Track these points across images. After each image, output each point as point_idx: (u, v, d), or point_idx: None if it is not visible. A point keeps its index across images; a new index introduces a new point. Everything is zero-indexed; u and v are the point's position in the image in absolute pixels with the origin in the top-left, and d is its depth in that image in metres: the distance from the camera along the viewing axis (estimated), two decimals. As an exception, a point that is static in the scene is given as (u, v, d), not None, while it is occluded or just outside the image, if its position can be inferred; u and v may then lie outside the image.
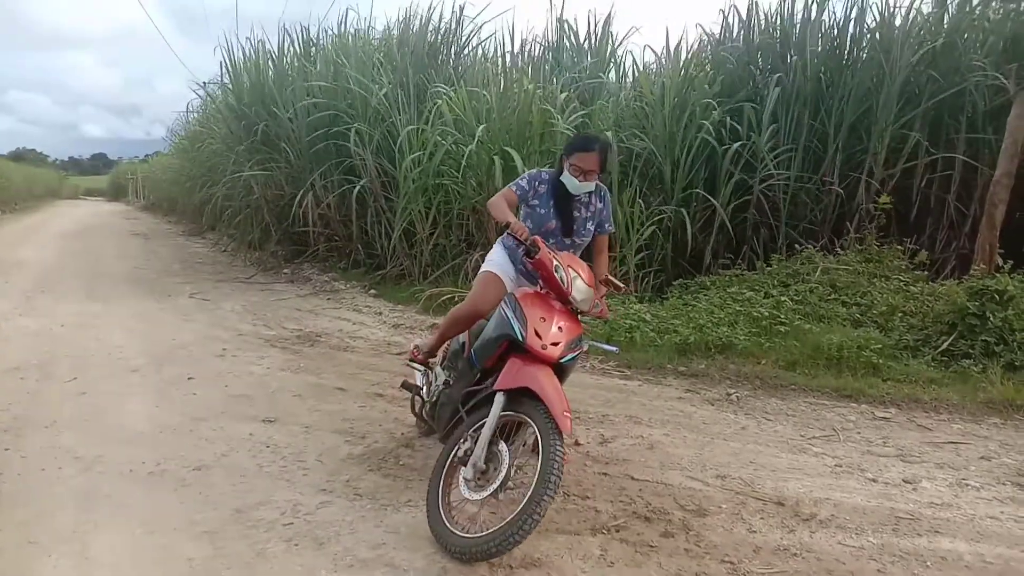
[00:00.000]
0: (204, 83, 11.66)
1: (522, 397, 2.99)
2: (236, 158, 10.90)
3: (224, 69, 11.07)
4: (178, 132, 15.71)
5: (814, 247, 7.40)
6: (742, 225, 8.12)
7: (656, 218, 7.82)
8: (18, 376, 5.21)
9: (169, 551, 2.86)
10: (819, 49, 8.25)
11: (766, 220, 8.02)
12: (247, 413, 4.50)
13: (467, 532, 2.84)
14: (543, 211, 3.55)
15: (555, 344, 3.07)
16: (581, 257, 3.50)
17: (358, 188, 8.96)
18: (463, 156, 7.72)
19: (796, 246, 7.62)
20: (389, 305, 7.96)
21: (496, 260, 3.69)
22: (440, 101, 8.17)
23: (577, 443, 4.05)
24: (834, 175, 7.85)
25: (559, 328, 3.12)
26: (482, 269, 3.69)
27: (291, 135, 9.88)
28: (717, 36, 9.29)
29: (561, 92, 8.43)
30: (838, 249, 7.24)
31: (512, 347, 3.11)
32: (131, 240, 16.95)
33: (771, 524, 3.15)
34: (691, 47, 9.45)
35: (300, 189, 9.74)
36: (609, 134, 7.95)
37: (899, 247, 6.90)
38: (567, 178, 3.48)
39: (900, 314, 5.83)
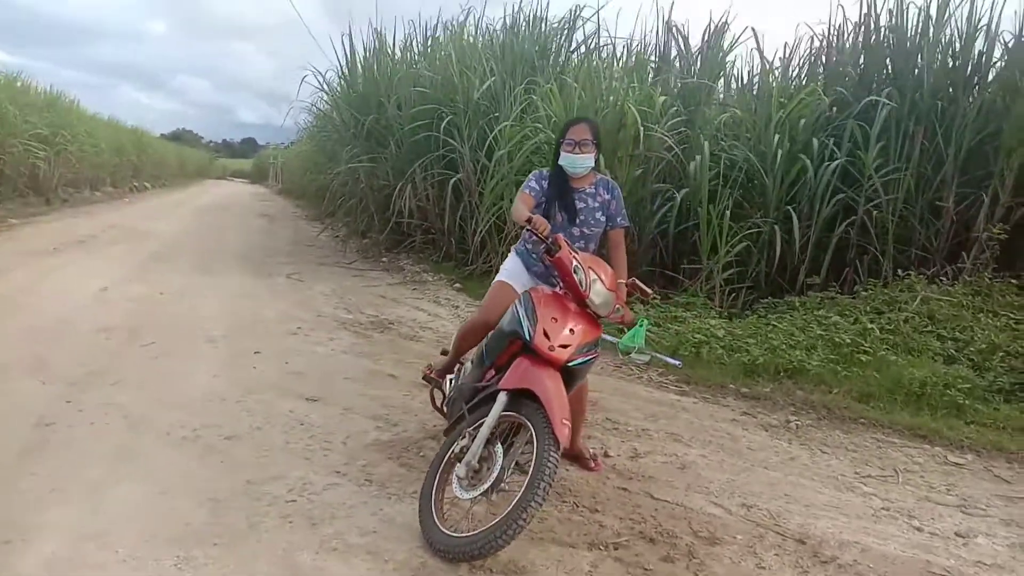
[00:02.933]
0: (323, 73, 12.03)
1: (525, 399, 2.92)
2: (348, 148, 11.28)
3: (343, 60, 11.45)
4: (308, 121, 16.48)
5: (924, 275, 6.85)
6: (846, 247, 7.64)
7: (748, 232, 7.47)
8: (104, 336, 5.59)
9: (173, 513, 2.97)
10: (938, 63, 7.62)
11: (871, 243, 7.49)
12: (295, 390, 4.63)
13: (454, 531, 2.80)
14: (547, 205, 3.50)
15: (564, 346, 2.97)
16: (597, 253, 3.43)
17: (453, 181, 9.07)
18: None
19: (903, 272, 7.07)
20: (469, 300, 8.00)
21: (508, 268, 3.66)
22: (535, 97, 8.15)
23: (606, 454, 3.92)
24: (949, 199, 7.23)
25: (571, 330, 3.02)
26: (495, 280, 3.66)
27: (396, 127, 10.12)
28: (828, 43, 8.73)
29: (661, 96, 8.19)
30: (941, 278, 6.65)
31: (524, 346, 3.04)
32: (256, 220, 17.89)
33: (784, 562, 2.92)
34: (802, 56, 8.96)
35: (401, 181, 9.96)
36: (706, 144, 7.66)
37: (1013, 281, 6.27)
38: (563, 158, 3.48)
39: (1001, 354, 5.28)
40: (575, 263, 3.09)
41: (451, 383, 3.72)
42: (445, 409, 3.74)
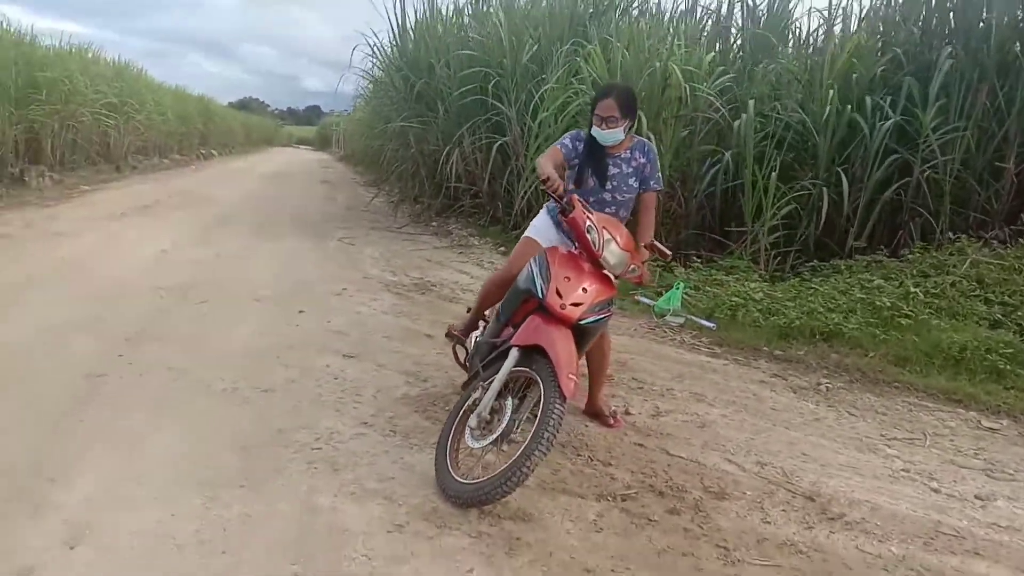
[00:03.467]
0: (377, 38, 12.14)
1: (536, 354, 2.99)
2: (399, 112, 11.42)
3: (395, 25, 11.54)
4: (365, 87, 16.65)
5: (979, 239, 6.63)
6: (899, 210, 7.42)
7: (797, 195, 7.34)
8: (159, 295, 5.87)
9: (205, 458, 3.16)
10: (1007, 17, 7.27)
11: (927, 206, 7.26)
12: (333, 347, 4.81)
13: (465, 478, 2.92)
14: (580, 168, 3.54)
15: (576, 305, 3.03)
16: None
17: (498, 144, 9.12)
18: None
19: (959, 235, 6.85)
20: (512, 263, 8.08)
21: (537, 225, 3.72)
22: (579, 59, 8.11)
23: (627, 412, 3.98)
24: (1010, 160, 6.95)
25: (584, 289, 3.08)
26: (523, 235, 3.73)
27: (444, 91, 10.19)
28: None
29: (709, 55, 8.05)
30: (995, 241, 6.43)
31: (539, 304, 3.11)
32: (316, 186, 18.28)
33: (790, 518, 2.96)
34: (862, 10, 8.63)
35: (449, 145, 10.05)
36: (752, 103, 7.51)
37: (1071, 243, 6.04)
38: (595, 130, 3.49)
39: (1052, 319, 5.13)
40: (588, 223, 3.14)
41: (474, 340, 3.83)
42: (467, 365, 3.85)
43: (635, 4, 10.28)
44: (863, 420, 4.13)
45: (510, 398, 3.01)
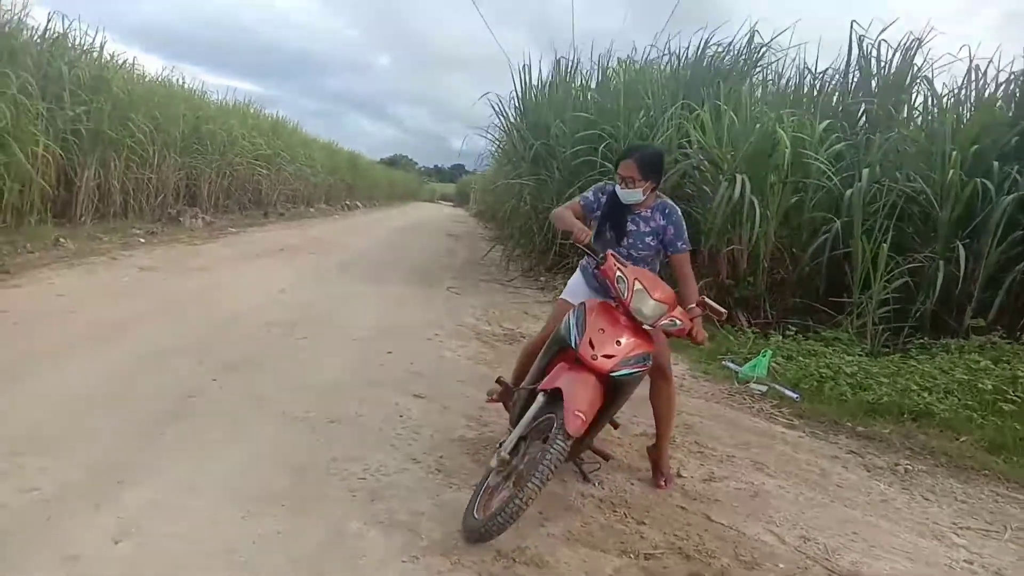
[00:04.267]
0: (500, 100, 12.65)
1: (560, 399, 3.05)
2: (517, 172, 11.82)
3: (518, 90, 12.02)
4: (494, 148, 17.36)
5: None
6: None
7: (911, 267, 7.00)
8: (267, 329, 6.31)
9: (259, 476, 3.39)
10: None
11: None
12: (408, 388, 5.01)
13: (481, 516, 2.99)
14: (601, 221, 3.63)
15: (609, 356, 3.07)
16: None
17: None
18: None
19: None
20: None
21: (570, 285, 3.84)
22: (687, 123, 8.16)
23: (679, 474, 3.92)
24: None
25: (618, 342, 3.12)
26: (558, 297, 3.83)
27: (559, 152, 10.47)
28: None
29: (823, 122, 7.89)
30: None
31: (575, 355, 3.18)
32: (443, 239, 19.01)
33: (818, 596, 2.82)
34: (997, 78, 8.19)
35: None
36: (866, 171, 7.29)
37: None
38: (617, 188, 3.59)
39: None
40: (619, 273, 3.21)
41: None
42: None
43: (756, 71, 10.24)
44: (937, 506, 3.86)
45: (536, 440, 3.08)
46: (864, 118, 8.99)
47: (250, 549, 2.74)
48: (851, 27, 9.14)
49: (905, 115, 8.77)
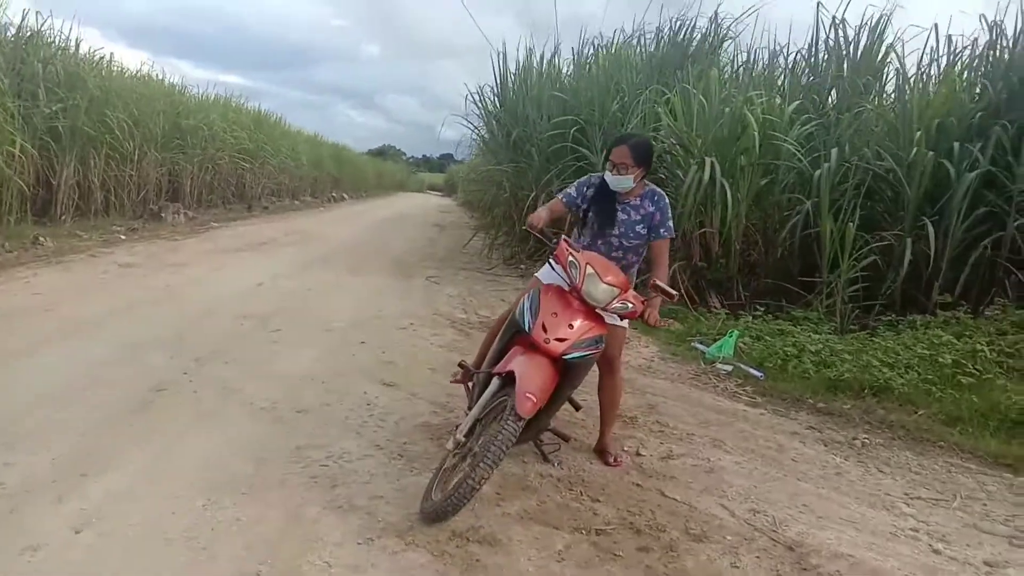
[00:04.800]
0: (479, 89, 12.67)
1: (514, 382, 3.12)
2: (495, 159, 11.87)
3: (495, 76, 12.05)
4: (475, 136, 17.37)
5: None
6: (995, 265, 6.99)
7: (880, 245, 7.10)
8: (241, 322, 6.37)
9: (223, 465, 3.45)
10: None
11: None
12: (378, 376, 5.08)
13: (439, 497, 3.06)
14: (588, 211, 3.66)
15: (561, 340, 3.14)
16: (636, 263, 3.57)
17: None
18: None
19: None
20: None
21: (546, 268, 3.86)
22: (658, 108, 8.22)
23: (638, 453, 4.01)
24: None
25: (570, 325, 3.19)
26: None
27: (535, 138, 10.51)
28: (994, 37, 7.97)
29: (792, 104, 7.96)
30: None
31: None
32: (427, 230, 19.03)
33: (762, 565, 2.91)
34: (963, 54, 8.24)
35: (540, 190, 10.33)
36: (834, 151, 7.36)
37: None
38: (607, 175, 3.62)
39: None
40: (571, 258, 3.28)
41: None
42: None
43: (727, 55, 10.30)
44: (891, 478, 3.96)
45: (491, 423, 3.15)
46: (834, 97, 9.04)
47: (209, 535, 2.82)
48: (817, 6, 9.19)
49: (875, 93, 8.82)
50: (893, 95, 8.86)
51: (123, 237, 11.28)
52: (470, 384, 3.90)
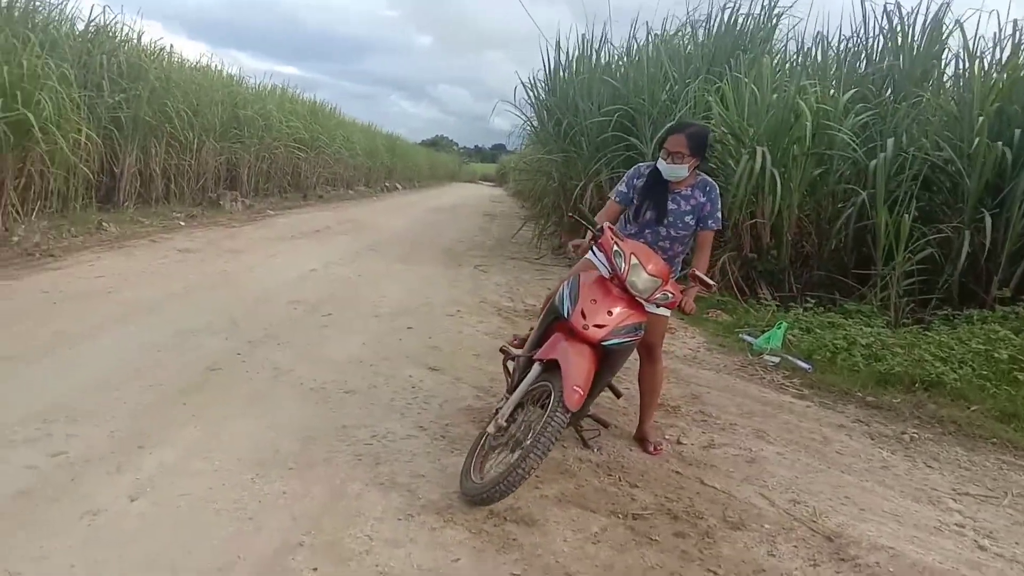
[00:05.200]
0: (531, 77, 12.68)
1: (556, 368, 3.16)
2: (546, 149, 11.88)
3: (544, 65, 12.05)
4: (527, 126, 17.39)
5: None
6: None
7: (934, 237, 6.92)
8: (294, 307, 6.53)
9: (271, 442, 3.57)
10: None
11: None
12: (423, 360, 5.17)
13: (479, 479, 3.12)
14: (639, 202, 3.66)
15: (600, 326, 3.16)
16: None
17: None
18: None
19: None
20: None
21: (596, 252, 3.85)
22: (709, 96, 8.13)
23: (679, 442, 4.01)
24: None
25: (609, 312, 3.21)
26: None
27: (584, 127, 10.48)
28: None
29: (847, 93, 7.78)
30: None
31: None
32: (478, 219, 19.14)
33: (800, 554, 2.90)
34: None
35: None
36: (891, 141, 7.19)
37: None
38: (660, 164, 3.58)
39: None
40: (616, 247, 3.28)
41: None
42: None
43: (779, 42, 10.11)
44: (939, 473, 3.89)
45: (531, 407, 3.19)
46: (890, 85, 8.81)
47: (255, 507, 2.93)
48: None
49: (934, 80, 8.57)
50: (952, 82, 8.61)
51: (182, 223, 11.62)
52: (511, 367, 3.95)
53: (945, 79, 8.68)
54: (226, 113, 14.96)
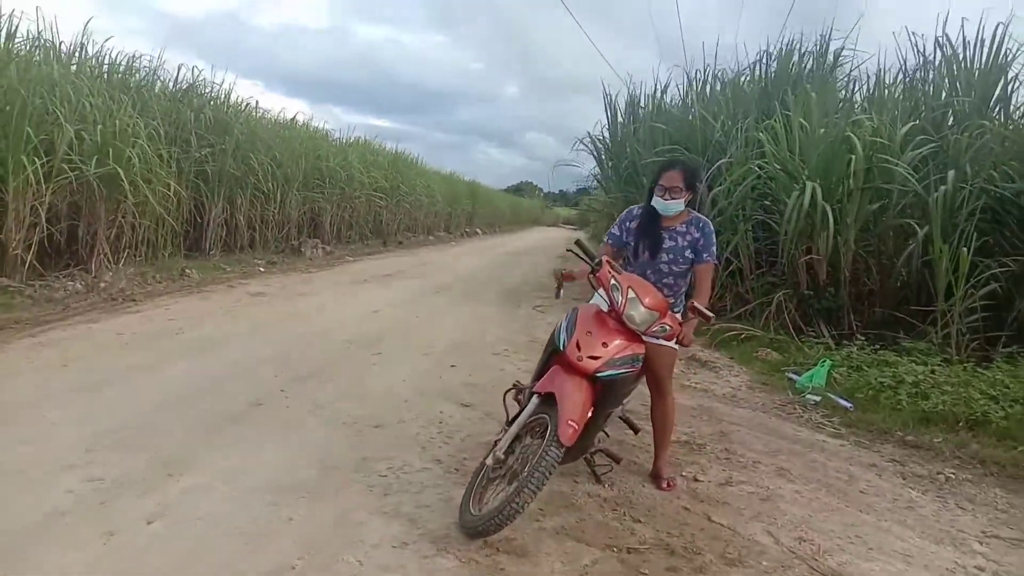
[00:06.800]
0: (599, 123, 12.89)
1: (553, 401, 3.23)
2: (606, 193, 12.02)
3: (606, 112, 12.26)
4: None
5: None
6: None
7: (1000, 271, 6.63)
8: (348, 346, 6.80)
9: (291, 471, 3.75)
10: None
11: None
12: (458, 397, 5.31)
13: (477, 511, 3.20)
14: (635, 242, 3.72)
15: (594, 357, 3.23)
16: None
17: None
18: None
19: None
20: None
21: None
22: (760, 134, 8.09)
23: (695, 479, 3.98)
24: None
25: (604, 344, 3.27)
26: None
27: (641, 169, 10.56)
28: None
29: (905, 126, 7.60)
30: None
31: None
32: (550, 261, 19.26)
33: (791, 592, 2.85)
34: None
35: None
36: (951, 174, 6.97)
37: None
38: (655, 201, 3.65)
39: None
40: (613, 281, 3.36)
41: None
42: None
43: (840, 80, 9.96)
44: (971, 515, 3.72)
45: (530, 439, 3.27)
46: (951, 117, 8.53)
47: (262, 530, 3.10)
48: (939, 21, 8.74)
49: (998, 111, 8.26)
50: (1018, 111, 8.28)
51: (262, 269, 12.24)
52: (516, 400, 4.03)
53: (1012, 108, 8.35)
54: (309, 165, 15.71)
